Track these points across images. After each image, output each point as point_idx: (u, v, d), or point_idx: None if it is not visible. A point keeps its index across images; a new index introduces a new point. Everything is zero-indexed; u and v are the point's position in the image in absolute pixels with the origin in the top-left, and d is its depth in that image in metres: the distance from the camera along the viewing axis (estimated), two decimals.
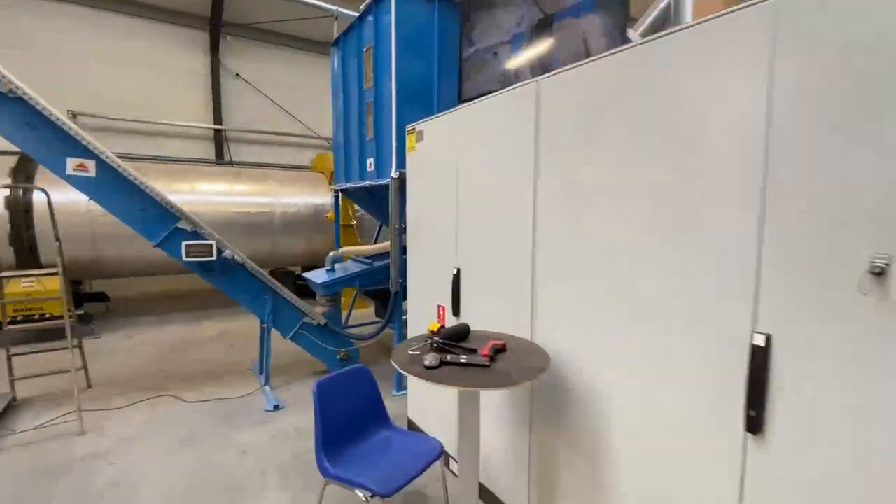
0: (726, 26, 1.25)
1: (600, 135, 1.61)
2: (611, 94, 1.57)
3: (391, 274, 3.72)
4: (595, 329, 1.66)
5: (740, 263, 1.24)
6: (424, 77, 3.78)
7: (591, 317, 1.68)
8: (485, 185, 2.23)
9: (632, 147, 1.50)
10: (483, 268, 2.28)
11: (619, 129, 1.54)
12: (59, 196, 4.56)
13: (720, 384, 1.30)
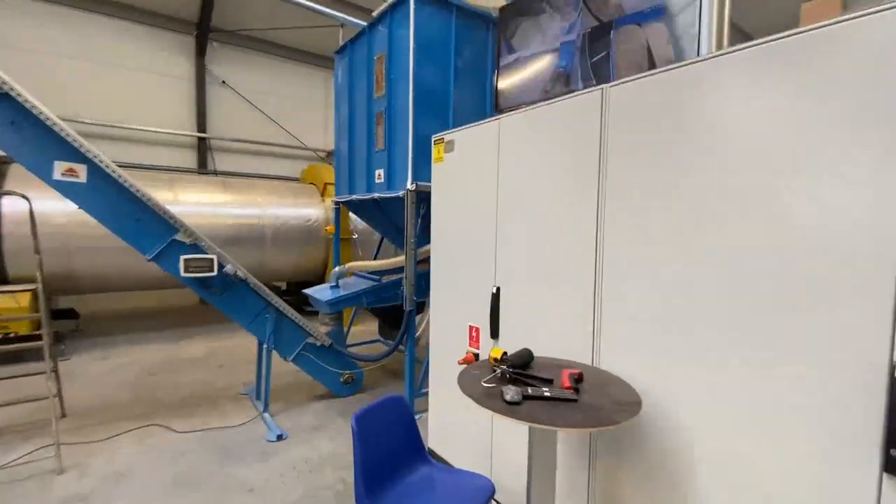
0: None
1: (679, 146, 1.50)
2: (688, 104, 1.47)
3: (405, 291, 3.51)
4: (679, 354, 1.52)
5: (876, 279, 1.12)
6: (441, 87, 3.66)
7: (676, 341, 1.54)
8: (533, 198, 2.09)
9: (719, 159, 1.39)
10: (530, 287, 2.13)
11: (701, 138, 1.43)
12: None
13: (851, 418, 1.17)
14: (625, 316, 1.71)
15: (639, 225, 1.65)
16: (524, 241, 2.15)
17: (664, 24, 1.81)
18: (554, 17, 2.21)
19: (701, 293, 1.46)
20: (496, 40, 4.06)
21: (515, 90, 2.39)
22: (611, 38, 1.99)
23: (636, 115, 1.65)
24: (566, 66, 2.16)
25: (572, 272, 1.91)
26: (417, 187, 3.42)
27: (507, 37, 2.44)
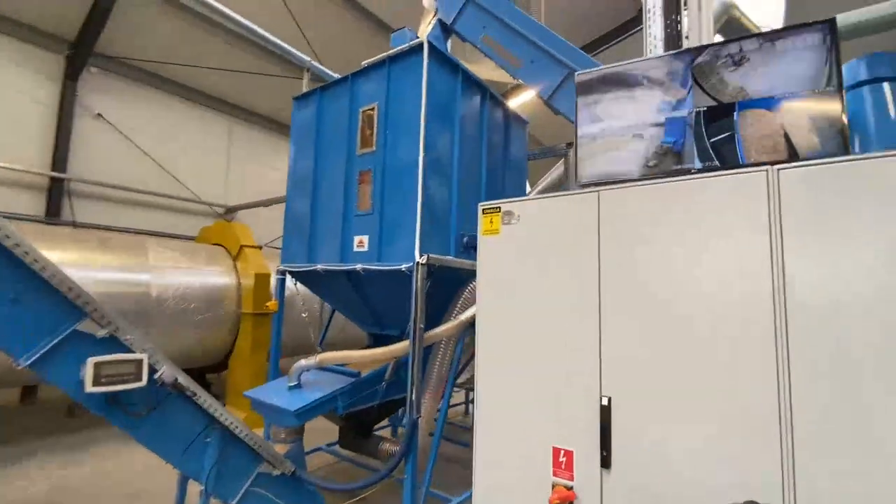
0: None
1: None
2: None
3: (409, 395, 2.75)
4: None
5: None
6: (446, 151, 3.27)
7: None
8: (659, 281, 1.74)
9: None
10: (667, 397, 1.69)
11: None
12: None
13: None
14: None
15: (838, 307, 1.39)
16: (644, 337, 1.75)
17: (804, 113, 1.73)
18: (653, 91, 2.05)
19: None
20: (487, 111, 3.90)
21: (605, 162, 2.11)
22: (735, 120, 1.86)
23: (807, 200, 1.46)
24: (676, 143, 1.96)
25: (744, 382, 1.55)
26: (429, 260, 2.84)
27: (588, 104, 2.20)
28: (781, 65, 1.80)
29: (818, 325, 1.45)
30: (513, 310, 2.12)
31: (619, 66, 2.14)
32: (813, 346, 1.45)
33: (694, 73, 1.96)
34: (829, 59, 1.72)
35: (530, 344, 2.05)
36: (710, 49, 1.95)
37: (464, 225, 3.37)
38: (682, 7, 2.54)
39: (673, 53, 2.01)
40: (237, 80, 7.85)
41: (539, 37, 3.32)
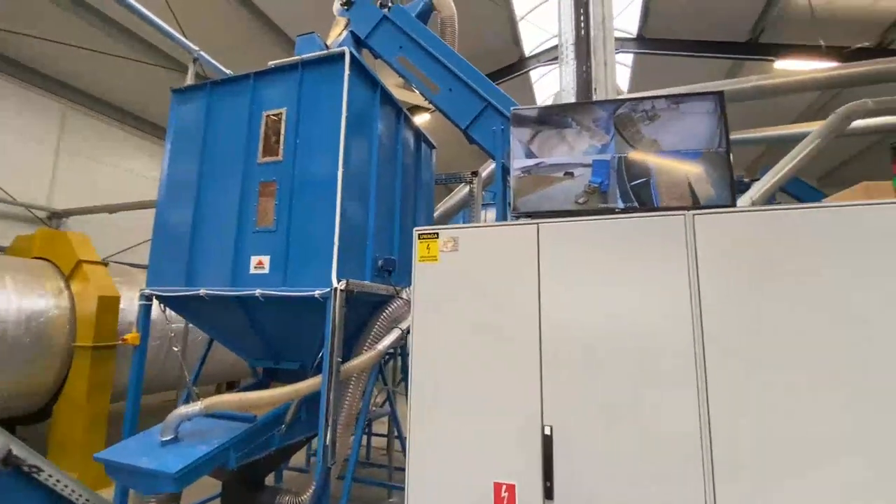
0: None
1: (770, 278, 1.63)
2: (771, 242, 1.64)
3: (322, 439, 2.43)
4: None
5: None
6: (363, 169, 3.10)
7: None
8: (595, 316, 1.85)
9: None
10: (604, 425, 1.77)
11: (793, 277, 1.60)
12: None
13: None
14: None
15: (749, 341, 1.64)
16: (584, 362, 1.83)
17: (703, 167, 2.04)
18: (582, 135, 2.21)
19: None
20: (403, 131, 3.84)
21: (539, 197, 2.19)
22: (650, 168, 2.10)
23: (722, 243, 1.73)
24: (602, 183, 2.14)
25: (669, 406, 1.71)
26: (348, 286, 2.61)
27: (522, 140, 2.28)
28: (686, 124, 2.10)
29: (729, 353, 1.68)
30: (451, 339, 2.04)
31: (553, 107, 2.28)
32: (724, 368, 1.67)
33: (615, 122, 2.18)
34: (719, 124, 2.07)
35: (470, 375, 1.99)
36: (629, 103, 2.20)
37: (379, 247, 3.20)
38: (591, 59, 2.84)
39: (598, 102, 2.22)
40: (82, 59, 6.42)
41: (456, 66, 3.39)
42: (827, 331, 1.58)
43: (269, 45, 7.33)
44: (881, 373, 1.51)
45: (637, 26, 7.99)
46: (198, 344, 5.67)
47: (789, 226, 1.69)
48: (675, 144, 2.10)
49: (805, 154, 5.11)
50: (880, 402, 1.50)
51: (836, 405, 1.54)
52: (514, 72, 9.44)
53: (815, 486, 1.52)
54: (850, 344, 1.55)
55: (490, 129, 3.22)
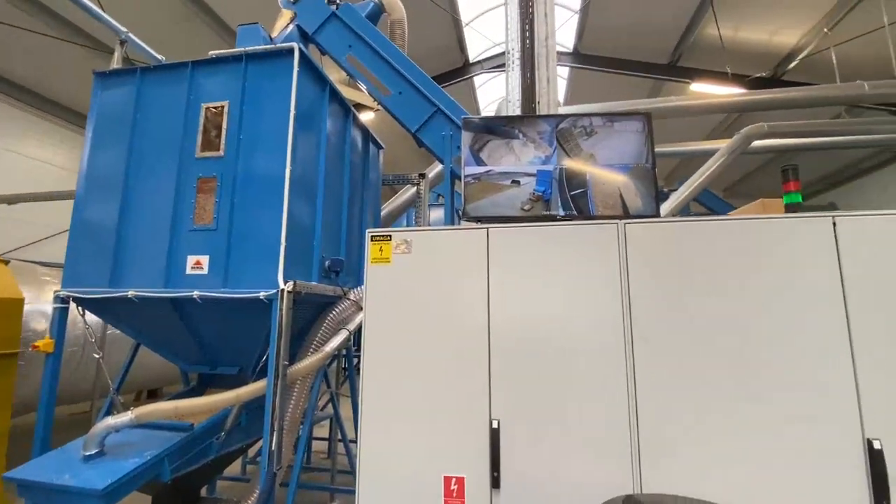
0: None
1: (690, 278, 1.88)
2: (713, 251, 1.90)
3: (267, 444, 2.37)
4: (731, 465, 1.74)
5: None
6: (311, 168, 3.05)
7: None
8: (540, 316, 2.00)
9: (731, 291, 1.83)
10: (546, 419, 1.92)
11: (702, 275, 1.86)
12: None
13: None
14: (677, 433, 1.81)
15: (671, 337, 1.86)
16: (533, 366, 1.97)
17: (631, 180, 2.27)
18: (527, 146, 2.36)
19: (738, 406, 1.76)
20: (351, 130, 3.83)
21: (489, 203, 2.31)
22: (587, 179, 2.29)
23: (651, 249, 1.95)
24: (545, 192, 2.30)
25: (604, 396, 1.89)
26: (296, 287, 2.56)
27: (472, 148, 2.38)
28: (618, 140, 2.32)
29: (654, 345, 1.89)
30: (403, 340, 2.09)
31: (502, 117, 2.40)
32: (645, 361, 1.88)
33: (558, 135, 2.35)
34: (647, 142, 2.31)
35: (421, 375, 2.05)
36: (570, 119, 2.38)
37: (326, 247, 3.16)
38: (535, 72, 3.02)
39: (543, 116, 2.38)
40: None
41: (407, 69, 3.44)
42: (737, 325, 1.84)
43: (205, 32, 6.88)
44: (789, 362, 1.79)
45: (573, 42, 8.50)
46: (117, 350, 5.22)
47: (705, 234, 1.94)
48: (609, 158, 2.31)
49: (714, 169, 5.75)
50: (790, 392, 1.77)
51: (749, 392, 1.79)
52: (458, 76, 9.63)
53: (735, 468, 1.76)
54: (758, 335, 1.82)
55: (439, 134, 3.30)
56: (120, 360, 3.62)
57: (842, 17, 5.88)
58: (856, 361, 1.72)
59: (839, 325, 1.76)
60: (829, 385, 1.73)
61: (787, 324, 1.79)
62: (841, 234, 1.81)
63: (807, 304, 1.80)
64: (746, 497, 1.70)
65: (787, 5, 6.11)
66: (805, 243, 1.84)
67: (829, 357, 1.75)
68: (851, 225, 1.81)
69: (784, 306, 1.82)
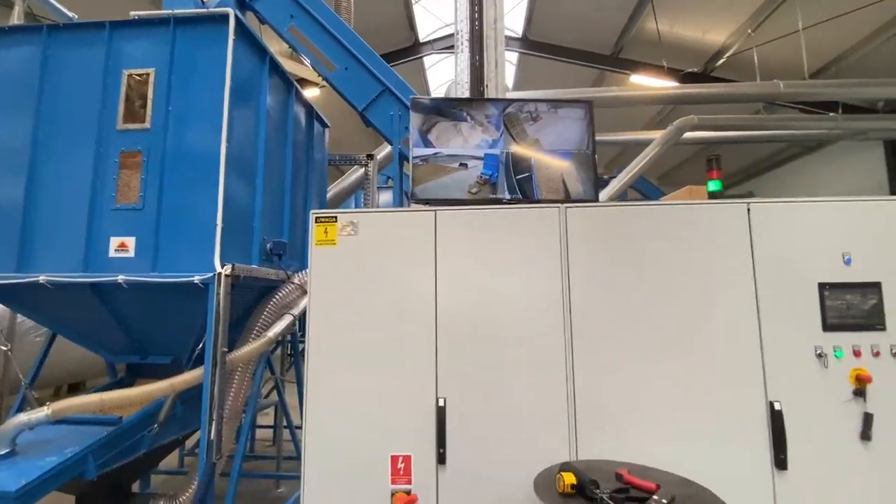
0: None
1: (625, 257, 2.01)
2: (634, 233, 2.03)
3: (206, 435, 2.27)
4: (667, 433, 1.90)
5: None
6: (252, 143, 2.89)
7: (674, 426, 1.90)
8: (486, 296, 2.05)
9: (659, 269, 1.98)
10: (483, 397, 1.98)
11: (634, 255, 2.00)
12: None
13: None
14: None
15: (607, 314, 1.99)
16: (477, 347, 2.02)
17: (573, 166, 2.35)
18: (475, 129, 2.37)
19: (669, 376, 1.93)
20: (293, 107, 3.66)
21: (437, 185, 2.30)
22: (532, 164, 2.35)
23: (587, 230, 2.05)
24: (492, 176, 2.33)
25: (545, 372, 1.98)
26: (234, 270, 2.44)
27: (421, 129, 2.35)
28: (562, 127, 2.39)
29: (590, 323, 2.00)
30: (350, 322, 2.07)
31: (450, 99, 2.39)
32: (583, 339, 1.99)
33: (505, 120, 2.38)
34: (588, 129, 2.40)
35: (368, 357, 2.04)
36: (517, 104, 2.42)
37: (267, 229, 3.03)
38: (484, 55, 3.02)
39: (490, 100, 2.39)
40: None
41: (353, 45, 3.32)
42: (665, 302, 1.98)
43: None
44: (709, 335, 1.95)
45: (523, 27, 8.57)
46: (31, 341, 4.75)
47: (638, 218, 2.06)
48: (553, 144, 2.38)
49: (649, 158, 6.10)
50: (708, 362, 1.94)
51: (675, 363, 1.94)
52: (408, 55, 9.42)
53: (662, 432, 1.91)
54: (684, 311, 1.97)
55: (387, 114, 3.23)
56: (34, 351, 3.30)
57: (763, 20, 6.37)
58: (762, 333, 1.93)
59: (750, 301, 1.95)
60: (742, 354, 1.93)
61: (708, 300, 1.96)
62: (754, 219, 2.00)
63: (725, 282, 1.97)
64: (674, 457, 1.85)
65: (719, 4, 6.52)
66: (724, 227, 2.01)
67: (741, 329, 1.94)
68: (763, 210, 2.00)
69: (705, 284, 1.98)
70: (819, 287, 1.94)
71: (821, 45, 6.66)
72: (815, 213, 2.00)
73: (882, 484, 1.85)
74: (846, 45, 6.75)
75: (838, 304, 1.94)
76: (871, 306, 1.94)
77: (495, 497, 1.90)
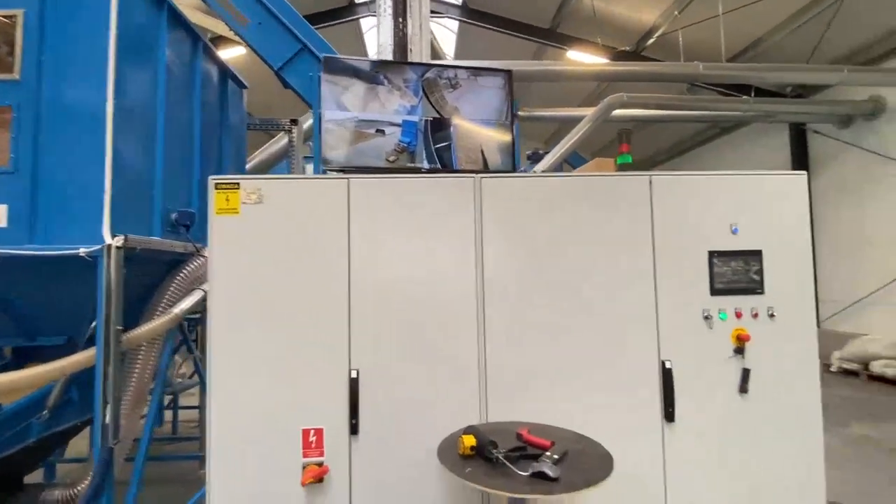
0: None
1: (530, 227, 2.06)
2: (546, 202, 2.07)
3: (100, 418, 2.09)
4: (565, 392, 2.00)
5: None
6: (148, 101, 2.61)
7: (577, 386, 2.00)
8: (400, 267, 2.02)
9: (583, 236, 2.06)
10: (398, 365, 1.98)
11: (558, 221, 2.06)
12: None
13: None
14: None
15: (519, 283, 2.03)
16: (392, 318, 2.00)
17: (493, 135, 2.34)
18: (393, 93, 2.27)
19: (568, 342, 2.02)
20: (201, 64, 3.36)
21: (352, 152, 2.20)
22: (452, 133, 2.31)
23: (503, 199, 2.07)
24: (410, 143, 2.26)
25: (457, 341, 2.01)
26: (128, 242, 2.22)
27: (335, 91, 2.22)
28: (481, 95, 2.35)
29: (501, 291, 2.04)
30: (255, 296, 1.96)
31: (365, 60, 2.27)
32: (495, 307, 2.03)
33: (424, 85, 2.31)
34: (507, 99, 2.38)
35: (276, 331, 1.96)
36: (436, 69, 2.34)
37: (172, 198, 2.79)
38: (408, 18, 2.89)
39: (409, 63, 2.30)
40: None
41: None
42: (574, 268, 2.05)
43: None
44: (615, 306, 2.05)
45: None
46: None
47: (550, 189, 2.09)
48: (472, 113, 2.34)
49: (582, 133, 6.27)
50: (611, 327, 2.05)
51: (582, 329, 2.03)
52: (343, 16, 8.91)
53: (564, 396, 2.01)
54: (592, 277, 2.05)
55: (307, 75, 3.04)
56: None
57: (689, 3, 6.63)
58: (658, 297, 2.06)
59: (648, 268, 2.07)
60: (640, 318, 2.05)
61: (612, 268, 2.06)
62: (655, 191, 2.10)
63: (628, 250, 2.07)
64: (577, 417, 1.95)
65: None
66: (628, 198, 2.10)
67: (640, 295, 2.06)
68: (663, 183, 2.11)
69: (611, 253, 2.07)
70: (709, 255, 2.10)
71: (740, 29, 7.08)
72: (708, 186, 2.13)
73: (756, 431, 2.07)
74: (762, 31, 7.21)
75: (725, 270, 2.11)
76: (753, 272, 2.13)
77: (408, 463, 1.92)
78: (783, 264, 2.14)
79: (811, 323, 2.15)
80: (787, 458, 2.07)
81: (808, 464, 2.09)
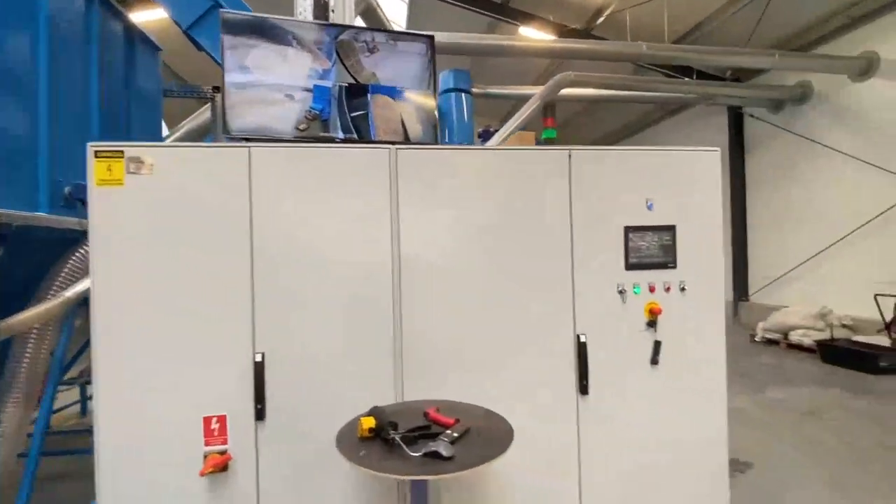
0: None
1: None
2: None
3: None
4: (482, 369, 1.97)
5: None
6: (24, 58, 2.30)
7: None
8: (310, 244, 1.90)
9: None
10: (313, 347, 1.89)
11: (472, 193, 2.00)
12: None
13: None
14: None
15: (435, 260, 1.97)
16: (299, 296, 1.89)
17: (412, 106, 2.22)
18: (302, 56, 2.09)
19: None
20: (99, 21, 3.03)
21: (258, 118, 2.02)
22: (368, 100, 2.17)
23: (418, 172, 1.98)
24: (323, 111, 2.11)
25: (371, 320, 1.93)
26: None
27: (235, 53, 2.02)
28: (401, 62, 2.22)
29: (418, 267, 1.97)
30: (144, 277, 1.79)
31: (270, 19, 2.07)
32: (408, 280, 1.96)
33: (338, 48, 2.15)
34: (429, 67, 2.26)
35: (171, 315, 1.81)
36: (351, 31, 2.18)
37: (65, 170, 2.50)
38: None
39: (320, 24, 2.13)
40: None
41: None
42: (495, 242, 2.00)
43: None
44: (533, 282, 2.02)
45: None
46: None
47: (469, 162, 2.02)
48: (391, 80, 2.21)
49: (531, 112, 6.23)
50: (521, 304, 2.02)
51: (501, 306, 2.00)
52: None
53: (482, 373, 1.98)
54: (515, 250, 2.01)
55: (220, 35, 2.77)
56: None
57: None
58: (574, 272, 2.06)
59: (566, 243, 2.06)
60: (556, 293, 2.05)
61: (533, 243, 2.03)
62: (574, 165, 2.07)
63: (547, 225, 2.05)
64: (494, 394, 1.93)
65: None
66: (548, 172, 2.06)
67: (558, 267, 2.05)
68: (582, 157, 2.08)
69: (531, 228, 2.04)
70: (624, 230, 2.11)
71: (684, 12, 7.20)
72: (625, 161, 2.13)
73: (666, 400, 2.14)
74: (704, 14, 7.37)
75: (640, 244, 2.13)
76: (667, 247, 2.16)
77: (317, 447, 1.85)
78: (696, 239, 2.18)
79: (720, 296, 2.23)
80: (695, 422, 2.16)
81: (715, 427, 2.19)
